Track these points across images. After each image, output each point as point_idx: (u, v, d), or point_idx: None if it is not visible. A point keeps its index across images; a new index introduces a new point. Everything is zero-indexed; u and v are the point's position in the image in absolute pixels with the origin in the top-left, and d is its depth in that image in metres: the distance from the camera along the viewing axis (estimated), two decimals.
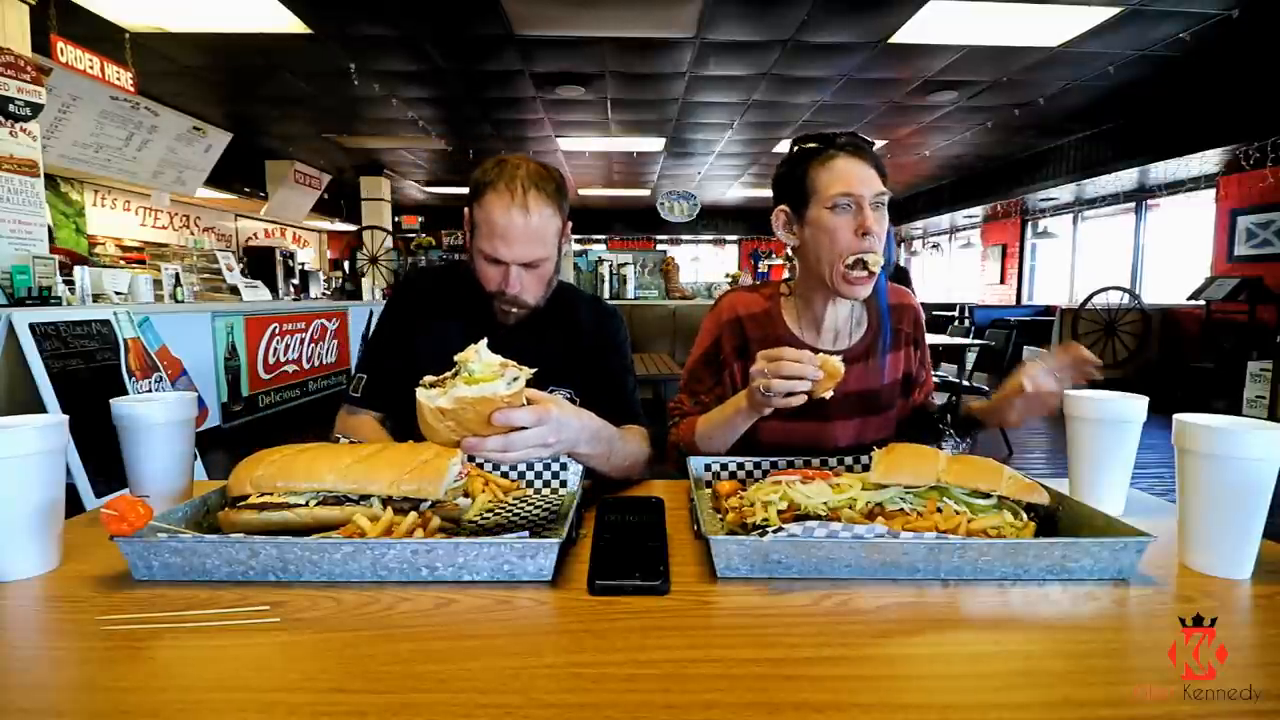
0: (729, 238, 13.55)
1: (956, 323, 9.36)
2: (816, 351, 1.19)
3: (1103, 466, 0.92)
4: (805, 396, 0.91)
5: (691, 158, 8.16)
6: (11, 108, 3.22)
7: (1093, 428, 0.92)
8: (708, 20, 4.07)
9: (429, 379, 0.76)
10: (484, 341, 0.78)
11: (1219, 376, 5.73)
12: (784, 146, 7.42)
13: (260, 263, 7.02)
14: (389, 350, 1.27)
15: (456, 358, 0.76)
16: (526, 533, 0.74)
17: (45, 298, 3.29)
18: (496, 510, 0.90)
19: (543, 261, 1.16)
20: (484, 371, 0.76)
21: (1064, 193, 7.96)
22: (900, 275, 8.47)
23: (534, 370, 0.78)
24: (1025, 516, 0.80)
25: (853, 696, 0.50)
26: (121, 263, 6.90)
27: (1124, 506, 0.93)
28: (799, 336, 1.19)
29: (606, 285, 7.35)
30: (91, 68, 3.76)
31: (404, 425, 1.17)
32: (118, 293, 4.13)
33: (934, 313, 10.48)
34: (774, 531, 0.72)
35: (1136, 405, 0.91)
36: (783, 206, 1.16)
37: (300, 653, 0.57)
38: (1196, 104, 5.60)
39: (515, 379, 0.75)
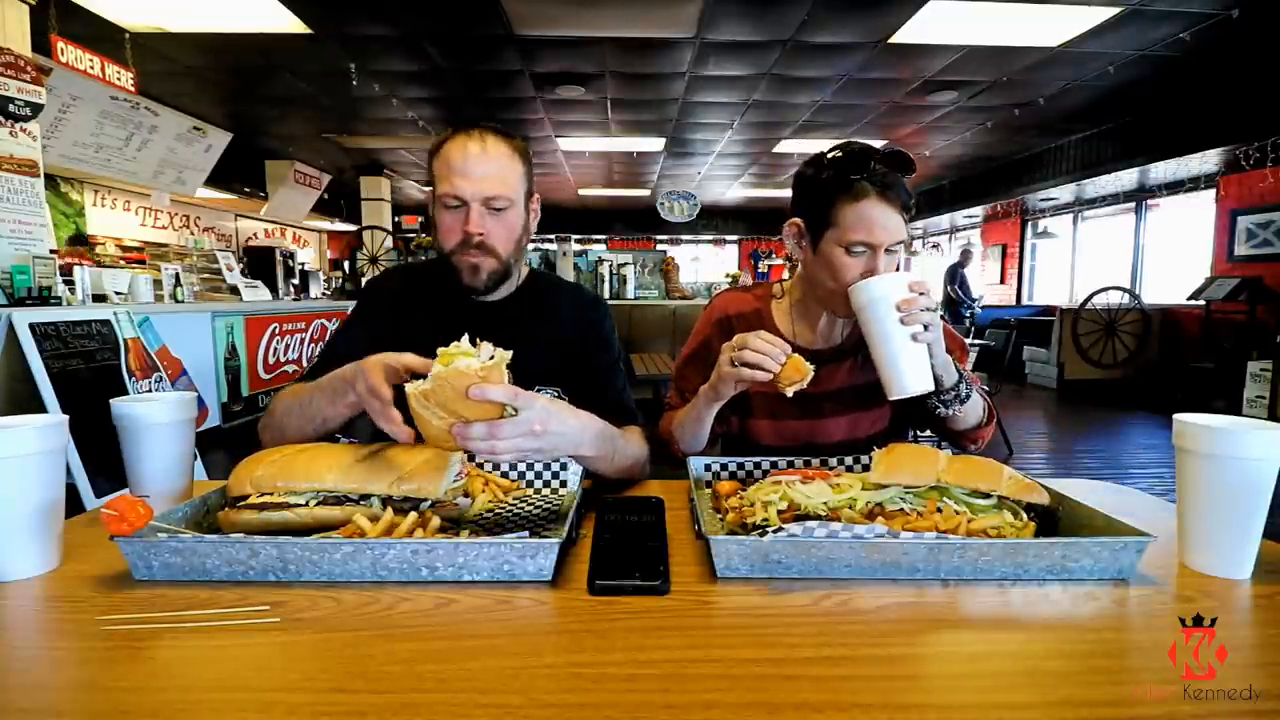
0: (729, 238, 13.55)
1: (956, 323, 9.38)
2: (810, 354, 1.19)
3: (884, 348, 0.96)
4: (767, 375, 0.96)
5: (691, 158, 8.16)
6: (11, 108, 3.22)
7: (861, 315, 0.98)
8: (708, 20, 4.08)
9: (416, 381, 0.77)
10: (465, 337, 0.78)
11: (1219, 376, 5.73)
12: (784, 146, 7.43)
13: (260, 263, 7.02)
14: (348, 346, 1.16)
15: (439, 350, 0.76)
16: (526, 533, 0.74)
17: (45, 298, 3.29)
18: (496, 510, 0.90)
19: (507, 206, 1.13)
20: (459, 351, 0.76)
21: (1064, 193, 7.96)
22: (956, 278, 8.49)
23: (511, 352, 0.77)
24: (1025, 516, 0.80)
25: (853, 696, 0.50)
26: (121, 263, 6.89)
27: (931, 382, 0.98)
28: (793, 341, 1.20)
29: (606, 285, 7.35)
30: (92, 68, 3.76)
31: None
32: (118, 293, 4.12)
33: None
34: (774, 531, 0.72)
35: (888, 280, 0.96)
36: (797, 220, 1.12)
37: (300, 653, 0.57)
38: (1196, 104, 5.60)
39: (491, 357, 0.75)
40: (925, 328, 0.95)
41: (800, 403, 1.14)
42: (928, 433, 1.30)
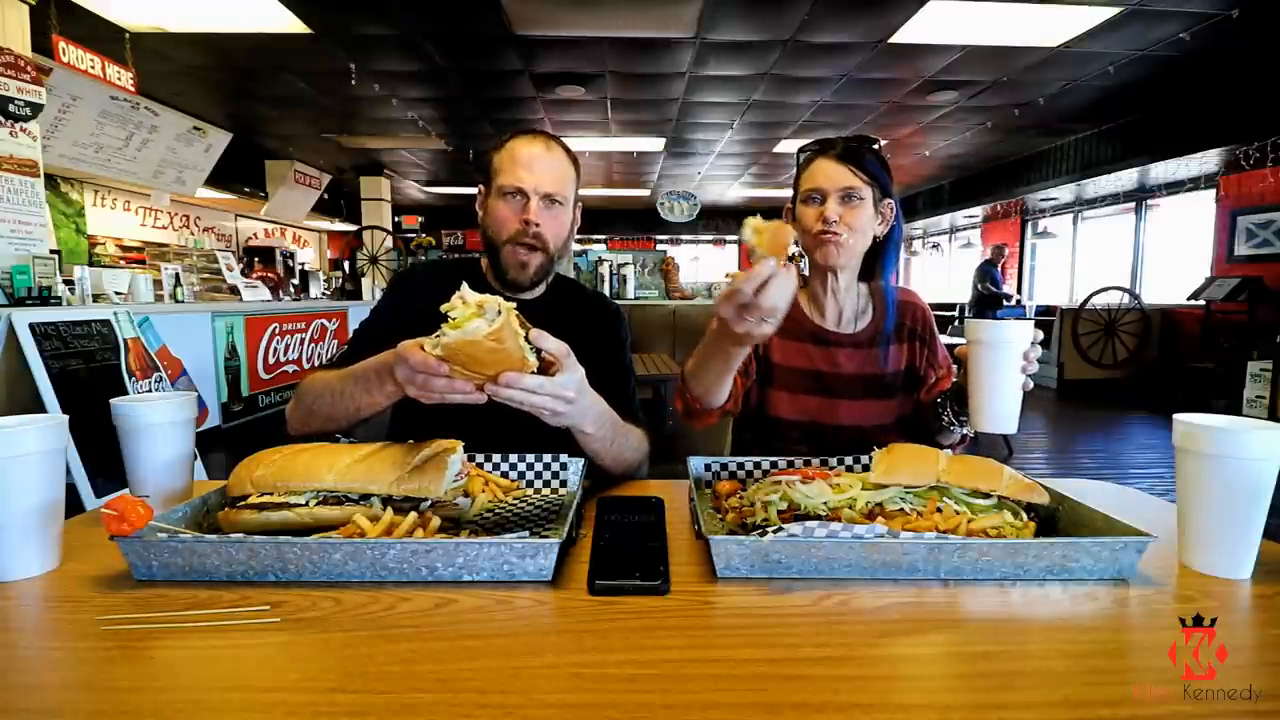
0: (729, 238, 13.55)
1: (957, 323, 9.36)
2: (827, 335, 1.27)
3: (995, 386, 0.95)
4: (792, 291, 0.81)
5: (691, 158, 8.16)
6: (11, 108, 3.22)
7: (983, 349, 0.95)
8: (708, 20, 4.07)
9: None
10: (464, 285, 0.77)
11: (1219, 376, 5.73)
12: (784, 146, 7.43)
13: (260, 262, 7.02)
14: (375, 337, 1.16)
15: (443, 308, 0.75)
16: (526, 533, 0.74)
17: (45, 298, 3.28)
18: (496, 510, 0.90)
19: (561, 205, 1.21)
20: (464, 313, 0.75)
21: (1064, 193, 7.96)
22: (994, 301, 8.53)
23: (514, 303, 0.76)
24: (1025, 516, 0.80)
25: (853, 696, 0.50)
26: (121, 263, 6.89)
27: (1017, 426, 0.95)
28: (809, 317, 1.29)
29: (606, 285, 7.35)
30: (93, 68, 3.75)
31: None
32: (118, 293, 4.12)
33: (934, 313, 10.49)
34: (774, 531, 0.72)
35: (1021, 327, 0.94)
36: (789, 204, 1.30)
37: (300, 653, 0.57)
38: (1196, 104, 5.60)
39: (498, 314, 0.73)
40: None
41: (817, 381, 1.25)
42: None
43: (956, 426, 1.15)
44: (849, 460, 1.02)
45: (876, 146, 1.22)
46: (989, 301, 8.66)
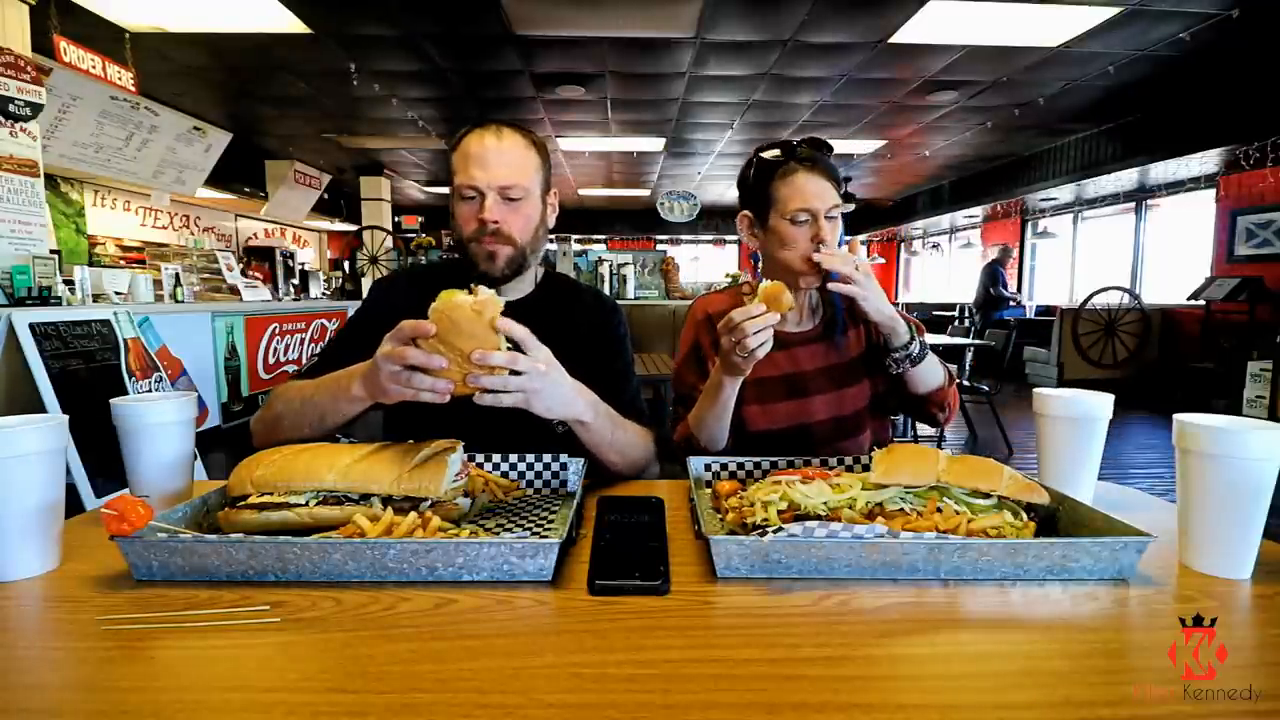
0: (729, 238, 13.55)
1: (956, 323, 9.36)
2: (786, 338, 1.25)
3: (1073, 462, 0.95)
4: (772, 334, 0.98)
5: (691, 158, 8.16)
6: (11, 108, 3.22)
7: (1062, 425, 0.95)
8: (708, 20, 4.07)
9: None
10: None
11: (1219, 376, 5.73)
12: None
13: (260, 263, 7.01)
14: (352, 345, 1.12)
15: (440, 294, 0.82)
16: (526, 533, 0.74)
17: (45, 298, 3.28)
18: (496, 510, 0.90)
19: (522, 196, 1.14)
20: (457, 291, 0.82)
21: (1064, 193, 7.96)
22: (999, 302, 8.53)
23: (504, 300, 0.81)
24: (1025, 516, 0.80)
25: (853, 696, 0.50)
26: (121, 263, 6.90)
27: (1092, 498, 0.95)
28: None
29: (606, 285, 7.35)
30: (93, 68, 3.76)
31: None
32: (118, 293, 4.12)
33: (934, 313, 10.51)
34: (774, 531, 0.72)
35: (1103, 402, 0.94)
36: (746, 212, 1.26)
37: (300, 653, 0.57)
38: (1196, 104, 5.60)
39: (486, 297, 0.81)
40: None
41: (785, 385, 1.25)
42: (929, 432, 1.33)
43: (894, 367, 1.17)
44: (849, 460, 1.02)
45: (831, 150, 1.21)
46: (995, 303, 8.65)
